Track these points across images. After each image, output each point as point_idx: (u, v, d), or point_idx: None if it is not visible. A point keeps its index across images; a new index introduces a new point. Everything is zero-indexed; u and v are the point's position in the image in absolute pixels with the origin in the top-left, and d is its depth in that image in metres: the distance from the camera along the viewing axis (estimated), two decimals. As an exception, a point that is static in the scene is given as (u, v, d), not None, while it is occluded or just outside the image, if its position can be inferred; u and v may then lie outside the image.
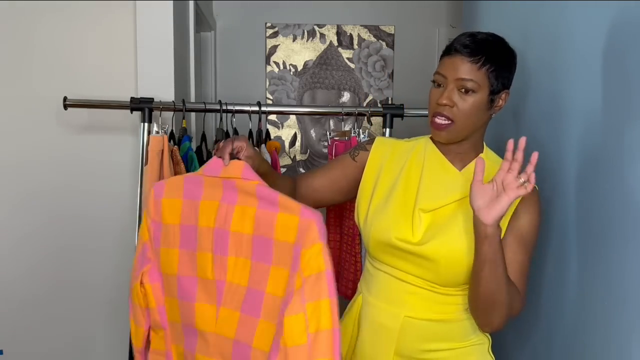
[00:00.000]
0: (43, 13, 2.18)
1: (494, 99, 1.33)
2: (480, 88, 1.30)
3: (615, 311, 1.21)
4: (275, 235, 1.22)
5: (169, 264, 1.32)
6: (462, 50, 1.30)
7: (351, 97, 3.61)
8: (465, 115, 1.32)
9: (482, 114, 1.34)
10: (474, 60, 1.29)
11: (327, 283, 1.15)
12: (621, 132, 1.19)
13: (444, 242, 1.33)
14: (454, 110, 1.32)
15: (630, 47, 1.17)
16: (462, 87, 1.30)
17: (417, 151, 1.44)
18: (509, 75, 1.35)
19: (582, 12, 1.40)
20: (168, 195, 1.33)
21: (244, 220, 1.25)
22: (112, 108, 2.02)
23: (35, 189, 2.25)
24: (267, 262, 1.23)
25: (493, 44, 1.33)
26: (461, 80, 1.30)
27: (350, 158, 1.50)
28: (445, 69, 1.33)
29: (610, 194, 1.24)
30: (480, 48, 1.30)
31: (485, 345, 1.42)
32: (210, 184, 1.30)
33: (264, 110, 1.99)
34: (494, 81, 1.31)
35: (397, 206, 1.39)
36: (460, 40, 1.32)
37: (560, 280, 1.47)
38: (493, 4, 2.10)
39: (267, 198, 1.24)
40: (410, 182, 1.41)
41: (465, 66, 1.30)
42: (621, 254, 1.19)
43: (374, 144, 1.49)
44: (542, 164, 1.59)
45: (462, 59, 1.30)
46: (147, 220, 1.35)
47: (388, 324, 1.40)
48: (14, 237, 2.24)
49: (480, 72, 1.30)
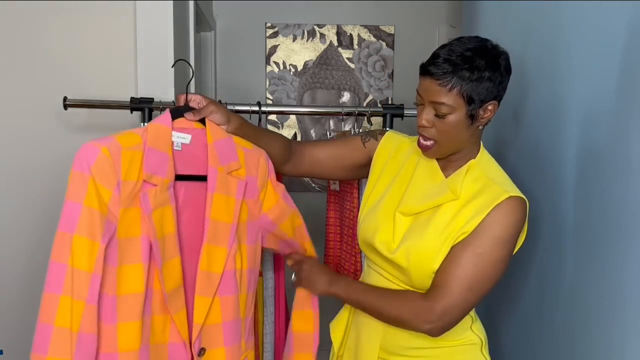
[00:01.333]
0: (43, 13, 2.18)
1: (475, 114, 1.28)
2: (455, 109, 1.26)
3: (614, 311, 1.21)
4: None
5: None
6: (433, 73, 1.25)
7: (351, 97, 3.61)
8: (446, 135, 1.30)
9: (464, 131, 1.30)
10: (442, 82, 1.24)
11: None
12: (620, 133, 1.19)
13: (412, 247, 1.33)
14: (433, 131, 1.30)
15: (630, 48, 1.17)
16: (436, 109, 1.27)
17: (416, 153, 1.44)
18: (493, 85, 1.26)
19: (582, 13, 1.40)
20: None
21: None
22: (112, 108, 2.02)
23: (35, 189, 2.24)
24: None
25: (468, 60, 1.24)
26: (434, 104, 1.27)
27: (361, 142, 1.51)
28: (421, 88, 1.30)
29: (609, 195, 1.23)
30: (450, 68, 1.23)
31: (477, 345, 1.41)
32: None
33: (264, 110, 1.99)
34: (472, 98, 1.25)
35: (384, 209, 1.41)
36: (433, 61, 1.26)
37: (558, 281, 1.47)
38: (493, 4, 2.10)
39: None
40: (402, 184, 1.42)
41: (435, 89, 1.25)
42: (620, 255, 1.19)
43: (384, 138, 1.50)
44: (541, 165, 1.59)
45: (430, 81, 1.26)
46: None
47: (373, 321, 1.41)
48: (14, 237, 2.24)
49: (451, 94, 1.25)
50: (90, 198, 1.15)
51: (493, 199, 1.29)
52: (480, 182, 1.33)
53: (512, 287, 1.76)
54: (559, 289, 1.48)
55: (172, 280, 1.26)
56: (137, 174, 1.21)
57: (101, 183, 1.17)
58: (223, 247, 1.32)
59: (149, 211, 1.21)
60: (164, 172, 1.24)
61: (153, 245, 1.22)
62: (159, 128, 1.27)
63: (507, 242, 1.29)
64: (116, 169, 1.18)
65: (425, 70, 1.27)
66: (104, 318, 1.19)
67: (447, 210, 1.33)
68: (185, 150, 1.31)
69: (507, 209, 1.28)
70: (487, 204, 1.29)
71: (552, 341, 1.51)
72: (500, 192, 1.29)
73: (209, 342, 1.34)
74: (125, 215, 1.20)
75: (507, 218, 1.28)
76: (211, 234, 1.30)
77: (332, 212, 2.09)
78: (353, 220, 1.89)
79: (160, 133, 1.27)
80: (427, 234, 1.32)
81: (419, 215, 1.36)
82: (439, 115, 1.27)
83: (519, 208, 1.29)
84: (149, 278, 1.23)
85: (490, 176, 1.35)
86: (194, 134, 1.33)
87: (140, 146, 1.23)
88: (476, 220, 1.29)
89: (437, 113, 1.27)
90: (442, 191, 1.35)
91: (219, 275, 1.32)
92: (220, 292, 1.33)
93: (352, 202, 1.89)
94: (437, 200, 1.34)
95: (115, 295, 1.19)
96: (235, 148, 1.34)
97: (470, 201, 1.32)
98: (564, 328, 1.45)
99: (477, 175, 1.35)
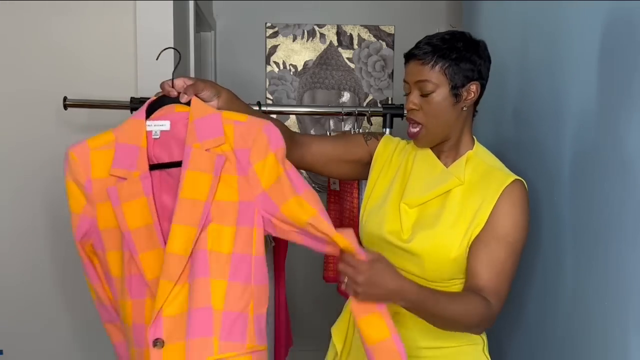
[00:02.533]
0: (43, 13, 2.18)
1: (459, 93, 1.35)
2: (439, 86, 1.33)
3: (614, 311, 1.21)
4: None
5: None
6: (414, 54, 1.36)
7: (351, 97, 3.61)
8: (433, 115, 1.36)
9: (450, 110, 1.36)
10: (425, 61, 1.33)
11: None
12: (620, 132, 1.19)
13: (428, 237, 1.34)
14: (420, 114, 1.37)
15: (629, 47, 1.17)
16: (421, 89, 1.34)
17: (412, 150, 1.48)
18: (473, 66, 1.35)
19: (582, 12, 1.40)
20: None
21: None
22: (112, 108, 2.02)
23: (36, 189, 2.24)
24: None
25: (445, 41, 1.35)
26: (419, 83, 1.34)
27: (364, 140, 1.54)
28: (406, 75, 1.39)
29: (608, 194, 1.24)
30: (430, 48, 1.33)
31: (479, 346, 1.42)
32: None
33: (264, 110, 1.99)
34: (454, 76, 1.33)
35: (390, 204, 1.43)
36: (415, 46, 1.37)
37: (558, 280, 1.47)
38: (493, 4, 2.10)
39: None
40: (403, 180, 1.45)
41: (418, 68, 1.34)
42: (620, 255, 1.19)
43: (383, 140, 1.54)
44: (540, 163, 1.59)
45: (414, 63, 1.35)
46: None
47: None
48: (14, 237, 2.24)
49: (434, 71, 1.33)
50: (71, 200, 1.30)
51: (499, 184, 1.34)
52: (481, 168, 1.39)
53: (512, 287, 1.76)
54: (559, 288, 1.48)
55: (152, 270, 1.21)
56: (107, 171, 1.27)
57: (75, 183, 1.29)
58: (193, 227, 1.19)
59: (118, 204, 1.25)
60: (134, 165, 1.26)
61: (125, 236, 1.24)
62: (131, 122, 1.29)
63: (527, 225, 1.35)
64: (86, 169, 1.27)
65: (409, 55, 1.37)
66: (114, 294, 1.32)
67: (454, 198, 1.37)
68: (164, 138, 1.28)
69: (517, 193, 1.34)
70: (494, 190, 1.34)
71: (552, 341, 1.51)
72: (504, 177, 1.36)
73: (170, 333, 1.20)
74: (101, 209, 1.28)
75: (521, 201, 1.34)
76: (180, 214, 1.20)
77: (332, 212, 2.09)
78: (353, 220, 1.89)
79: (132, 126, 1.29)
80: (440, 225, 1.34)
81: (426, 206, 1.38)
82: (425, 95, 1.34)
83: (526, 192, 1.36)
84: (130, 265, 1.25)
85: (490, 164, 1.41)
86: (175, 119, 1.28)
87: (112, 144, 1.28)
88: (488, 207, 1.33)
89: (423, 93, 1.34)
90: (446, 179, 1.39)
91: (185, 258, 1.19)
92: (189, 276, 1.20)
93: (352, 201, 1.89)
94: (443, 187, 1.38)
95: (112, 276, 1.30)
96: (221, 123, 1.25)
97: (475, 186, 1.36)
98: (564, 328, 1.45)
99: (476, 164, 1.41)
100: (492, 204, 1.33)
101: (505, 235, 1.32)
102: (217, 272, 1.20)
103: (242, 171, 1.23)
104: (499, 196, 1.33)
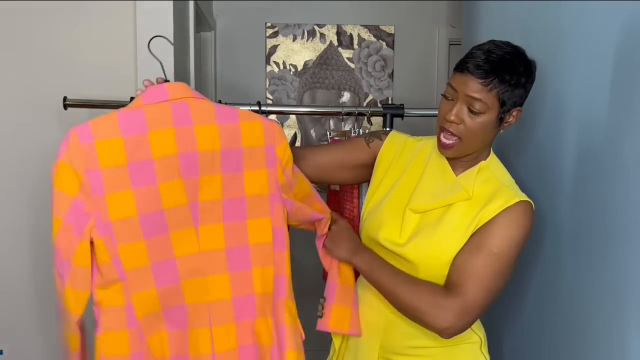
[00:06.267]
0: (43, 13, 2.18)
1: (504, 117, 1.31)
2: (489, 109, 1.28)
3: (613, 312, 1.21)
4: (244, 143, 1.29)
5: (123, 207, 1.22)
6: (474, 71, 1.26)
7: (351, 97, 3.61)
8: (473, 134, 1.30)
9: (489, 133, 1.32)
10: (484, 82, 1.26)
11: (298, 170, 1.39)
12: (621, 133, 1.19)
13: (422, 244, 1.33)
14: (461, 128, 1.30)
15: (630, 47, 1.17)
16: (471, 105, 1.27)
17: (424, 152, 1.45)
18: (524, 93, 1.32)
19: (582, 12, 1.40)
20: (100, 136, 1.20)
21: (209, 138, 1.26)
22: (112, 108, 2.01)
23: (36, 189, 2.24)
24: (240, 170, 1.29)
25: (508, 63, 1.27)
26: (470, 98, 1.27)
27: (365, 143, 1.51)
28: (456, 82, 1.30)
29: (609, 196, 1.24)
30: (494, 69, 1.26)
31: (477, 344, 1.42)
32: (155, 112, 1.23)
33: (264, 110, 1.99)
34: (506, 101, 1.28)
35: (390, 205, 1.41)
36: (474, 59, 1.28)
37: (557, 281, 1.47)
38: (493, 4, 2.10)
39: (225, 111, 1.28)
40: (410, 182, 1.42)
41: (476, 86, 1.27)
42: (620, 256, 1.19)
43: (388, 138, 1.50)
44: (541, 166, 1.59)
45: (470, 77, 1.27)
46: (74, 171, 1.22)
47: (373, 320, 1.42)
48: (14, 237, 2.24)
49: (491, 94, 1.27)
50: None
51: (503, 202, 1.31)
52: (491, 184, 1.36)
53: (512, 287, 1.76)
54: (558, 289, 1.48)
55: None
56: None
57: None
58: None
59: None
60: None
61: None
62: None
63: (520, 243, 1.31)
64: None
65: (466, 67, 1.28)
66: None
67: (457, 209, 1.35)
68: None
69: (519, 211, 1.30)
70: (497, 206, 1.31)
71: (551, 341, 1.51)
72: (511, 196, 1.32)
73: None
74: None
75: (520, 220, 1.30)
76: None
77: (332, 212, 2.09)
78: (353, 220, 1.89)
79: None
80: (438, 233, 1.33)
81: (429, 213, 1.37)
82: (472, 112, 1.28)
83: (530, 213, 1.32)
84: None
85: (501, 179, 1.37)
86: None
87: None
88: (484, 220, 1.31)
89: (471, 109, 1.28)
90: (454, 189, 1.36)
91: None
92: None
93: (352, 201, 1.89)
94: (450, 199, 1.36)
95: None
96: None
97: (480, 203, 1.33)
98: (563, 328, 1.45)
99: (487, 177, 1.37)
100: (489, 218, 1.31)
101: (490, 244, 1.28)
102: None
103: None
104: (500, 212, 1.30)
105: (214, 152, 1.26)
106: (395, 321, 1.39)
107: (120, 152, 1.20)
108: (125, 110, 1.23)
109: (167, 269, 1.27)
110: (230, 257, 1.31)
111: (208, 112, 1.26)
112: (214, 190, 1.28)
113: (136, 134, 1.21)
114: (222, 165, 1.27)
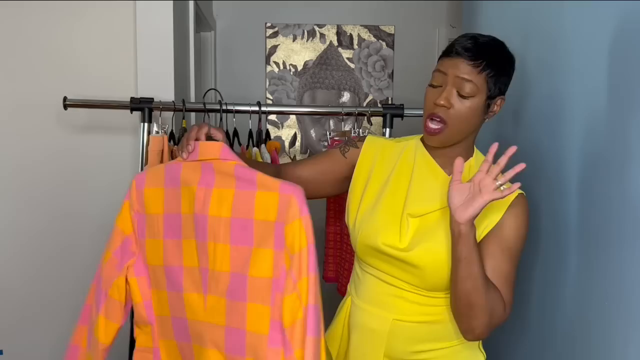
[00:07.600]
0: (43, 13, 2.18)
1: (490, 104, 1.32)
2: (479, 92, 1.29)
3: (615, 312, 1.21)
4: (255, 215, 1.21)
5: (155, 255, 1.30)
6: (464, 53, 1.28)
7: (351, 97, 3.61)
8: (460, 118, 1.31)
9: (476, 119, 1.33)
10: (475, 64, 1.28)
11: (307, 259, 1.16)
12: (622, 133, 1.19)
13: (429, 248, 1.32)
14: (450, 112, 1.30)
15: (630, 47, 1.17)
16: (460, 88, 1.28)
17: (407, 153, 1.43)
18: (507, 80, 1.34)
19: (582, 12, 1.40)
20: (150, 185, 1.30)
21: (222, 203, 1.23)
22: (112, 108, 2.02)
23: (36, 189, 2.25)
24: (248, 244, 1.22)
25: (494, 48, 1.31)
26: (461, 80, 1.28)
27: (340, 154, 1.48)
28: (446, 66, 1.31)
29: (611, 195, 1.23)
30: (482, 52, 1.28)
31: (475, 343, 1.42)
32: (188, 169, 1.27)
33: (264, 110, 1.99)
34: (492, 86, 1.30)
35: (385, 210, 1.38)
36: (461, 43, 1.30)
37: (559, 280, 1.47)
38: (493, 4, 2.10)
39: (246, 177, 1.23)
40: (400, 186, 1.40)
41: (466, 68, 1.28)
42: (621, 255, 1.19)
43: (365, 144, 1.47)
44: (542, 164, 1.59)
45: (461, 60, 1.28)
46: (130, 212, 1.33)
47: (377, 327, 1.39)
48: (14, 237, 2.25)
49: (480, 76, 1.28)
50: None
51: (505, 201, 1.31)
52: None
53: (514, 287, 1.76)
54: (559, 289, 1.48)
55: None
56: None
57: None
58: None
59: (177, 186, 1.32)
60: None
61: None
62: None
63: (526, 234, 1.34)
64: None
65: (455, 51, 1.30)
66: None
67: None
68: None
69: (520, 206, 1.33)
70: (499, 204, 1.31)
71: (551, 341, 1.51)
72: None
73: None
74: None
75: (524, 214, 1.33)
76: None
77: (331, 212, 2.09)
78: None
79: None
80: (439, 236, 1.32)
81: (427, 216, 1.36)
82: (462, 95, 1.29)
83: (526, 202, 1.35)
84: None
85: None
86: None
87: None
88: (494, 219, 1.31)
89: (461, 92, 1.29)
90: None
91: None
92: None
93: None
94: (446, 200, 1.34)
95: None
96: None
97: None
98: (563, 327, 1.45)
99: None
100: (496, 221, 1.31)
101: (509, 247, 1.31)
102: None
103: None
104: (504, 212, 1.31)
105: (221, 219, 1.23)
106: (400, 327, 1.38)
107: (161, 201, 1.29)
108: (171, 164, 1.31)
109: (181, 326, 1.30)
110: (228, 337, 1.25)
111: (229, 176, 1.24)
112: (222, 261, 1.24)
113: (172, 187, 1.29)
114: (231, 236, 1.23)
